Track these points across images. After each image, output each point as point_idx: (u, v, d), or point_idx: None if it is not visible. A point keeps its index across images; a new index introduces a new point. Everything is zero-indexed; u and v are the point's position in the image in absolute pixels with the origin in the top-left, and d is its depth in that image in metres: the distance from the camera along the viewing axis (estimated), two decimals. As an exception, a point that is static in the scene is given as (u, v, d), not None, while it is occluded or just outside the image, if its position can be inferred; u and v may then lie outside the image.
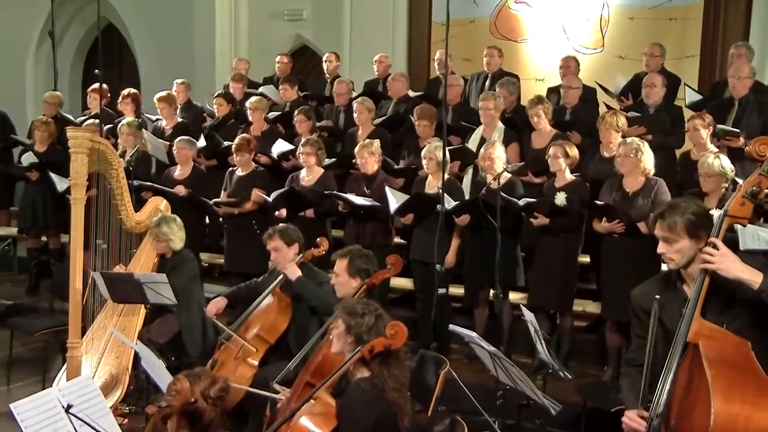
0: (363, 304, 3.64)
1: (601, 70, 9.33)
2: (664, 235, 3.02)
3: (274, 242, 5.23)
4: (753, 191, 2.86)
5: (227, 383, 3.88)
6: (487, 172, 6.26)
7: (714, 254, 2.81)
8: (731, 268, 2.79)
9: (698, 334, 2.78)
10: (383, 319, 3.55)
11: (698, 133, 6.29)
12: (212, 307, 5.45)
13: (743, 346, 2.74)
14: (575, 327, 6.48)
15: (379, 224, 6.70)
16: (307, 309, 5.08)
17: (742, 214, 2.88)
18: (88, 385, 3.37)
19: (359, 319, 3.52)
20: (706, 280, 2.86)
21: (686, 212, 2.98)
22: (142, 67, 12.45)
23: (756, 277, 2.77)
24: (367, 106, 7.76)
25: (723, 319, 2.89)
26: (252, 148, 7.36)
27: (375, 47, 9.88)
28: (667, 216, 3.01)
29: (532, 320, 4.70)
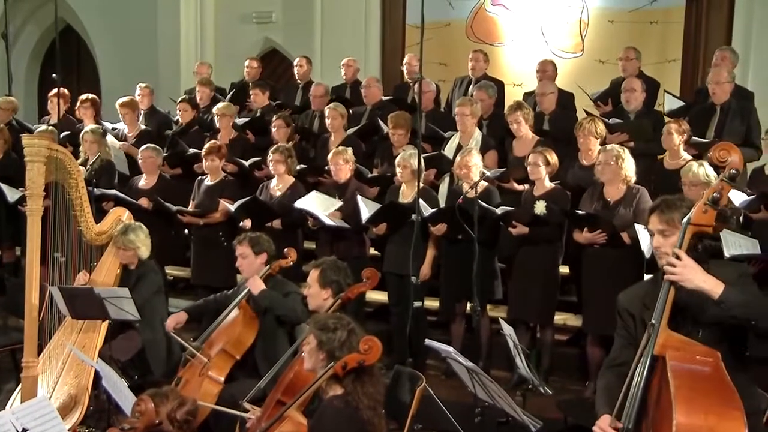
0: (335, 318, 3.64)
1: (581, 75, 9.41)
2: (662, 228, 3.09)
3: (242, 248, 5.22)
4: (714, 198, 2.91)
5: (196, 405, 3.84)
6: (464, 181, 6.29)
7: (676, 264, 2.87)
8: (693, 279, 2.85)
9: (665, 347, 2.83)
10: (356, 334, 3.55)
11: (671, 138, 6.36)
12: (171, 321, 5.40)
13: (711, 356, 2.79)
14: (556, 341, 6.51)
15: (353, 235, 6.71)
16: (274, 321, 5.07)
17: (705, 222, 2.93)
18: (45, 406, 3.33)
19: (330, 334, 3.52)
20: (671, 291, 2.90)
21: (683, 206, 3.07)
22: (102, 71, 12.37)
23: (717, 287, 2.83)
24: (341, 112, 7.78)
25: (699, 327, 2.95)
26: (223, 154, 7.34)
27: (347, 51, 9.89)
28: (666, 209, 3.09)
29: (511, 334, 4.72)
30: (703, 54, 9.21)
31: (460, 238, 6.17)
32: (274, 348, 4.98)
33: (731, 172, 2.94)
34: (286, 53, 11.55)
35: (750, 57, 8.82)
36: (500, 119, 7.48)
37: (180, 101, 8.89)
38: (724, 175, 2.95)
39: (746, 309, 2.82)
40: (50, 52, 12.99)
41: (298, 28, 11.39)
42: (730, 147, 2.99)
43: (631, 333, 3.17)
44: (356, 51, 10.27)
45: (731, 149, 2.98)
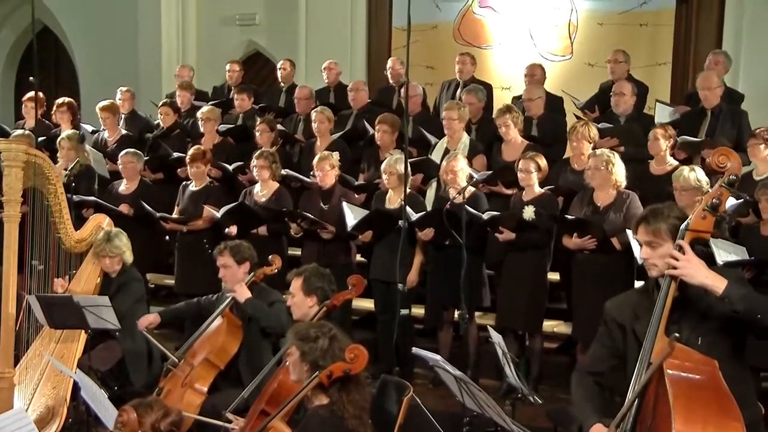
0: (315, 327, 3.63)
1: (570, 78, 9.46)
2: (648, 239, 3.08)
3: (223, 258, 5.21)
4: (713, 204, 2.92)
5: (181, 416, 3.83)
6: (450, 186, 6.31)
7: (679, 258, 2.86)
8: (695, 274, 2.85)
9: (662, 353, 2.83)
10: (339, 340, 3.55)
11: (658, 143, 6.42)
12: (144, 321, 5.42)
13: (709, 365, 2.80)
14: (545, 349, 6.53)
15: (339, 243, 6.72)
16: (259, 330, 5.06)
17: (704, 228, 2.94)
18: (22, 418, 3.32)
19: (312, 344, 3.51)
20: (671, 289, 2.91)
21: (670, 216, 3.07)
22: (81, 74, 12.33)
23: (720, 283, 2.83)
24: (327, 116, 7.79)
25: (697, 333, 2.96)
26: (207, 159, 7.33)
27: (332, 54, 9.91)
28: (652, 220, 3.09)
29: (500, 342, 4.73)
30: (693, 57, 9.28)
31: (448, 244, 6.19)
32: (259, 357, 4.97)
33: (730, 177, 2.96)
34: (270, 56, 11.55)
35: (740, 59, 8.88)
36: (489, 123, 7.51)
37: (161, 105, 8.87)
38: (723, 180, 2.96)
39: (750, 303, 2.82)
40: (27, 55, 12.93)
41: (282, 30, 11.39)
42: (729, 152, 3.01)
43: (616, 344, 3.18)
44: (341, 54, 10.29)
45: (730, 154, 3.00)
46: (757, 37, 8.89)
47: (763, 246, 5.43)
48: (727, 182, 2.96)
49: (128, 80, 10.11)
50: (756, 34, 8.90)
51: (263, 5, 11.64)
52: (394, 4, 10.80)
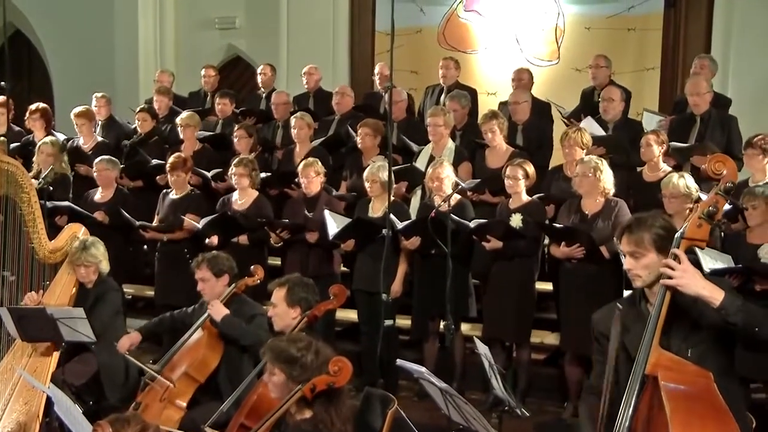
0: (295, 346, 3.57)
1: (557, 84, 9.50)
2: (631, 250, 3.08)
3: (201, 272, 5.18)
4: (710, 212, 2.92)
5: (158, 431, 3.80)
6: (435, 194, 6.32)
7: (676, 268, 2.84)
8: (692, 284, 2.84)
9: (657, 366, 2.83)
10: (322, 353, 3.53)
11: (650, 149, 6.45)
12: (125, 342, 5.36)
13: (704, 377, 2.81)
14: (533, 360, 6.54)
15: (324, 252, 6.72)
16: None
17: (699, 237, 2.93)
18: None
19: (300, 366, 3.48)
20: (666, 299, 2.90)
21: (654, 226, 3.05)
22: (55, 79, 12.28)
23: (717, 294, 2.82)
24: (307, 122, 7.78)
25: (687, 344, 2.96)
26: (188, 167, 7.31)
27: (314, 58, 9.91)
28: (635, 230, 3.08)
29: (486, 353, 4.73)
30: (682, 62, 9.32)
31: (433, 253, 6.19)
32: (239, 372, 4.95)
33: (726, 185, 2.95)
34: (251, 60, 11.54)
35: (729, 64, 8.96)
36: (474, 129, 7.53)
37: (139, 111, 8.84)
38: (719, 188, 2.96)
39: (748, 315, 2.81)
40: (-2, 59, 12.87)
41: (263, 34, 11.39)
42: (725, 159, 3.00)
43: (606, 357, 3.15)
44: (324, 58, 10.29)
45: (726, 161, 2.99)
46: (746, 41, 8.95)
47: (750, 254, 5.46)
48: (723, 190, 2.95)
49: (104, 86, 10.07)
50: (745, 38, 8.97)
51: (243, 9, 11.64)
52: (377, 8, 10.81)
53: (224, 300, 5.15)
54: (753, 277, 5.24)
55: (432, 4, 10.55)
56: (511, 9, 10.20)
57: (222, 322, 5.01)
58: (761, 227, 5.50)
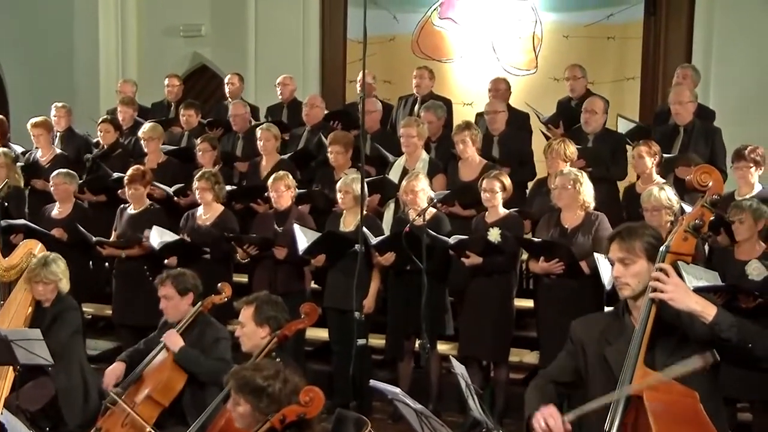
0: (261, 375, 3.50)
1: (535, 93, 9.53)
2: (621, 256, 3.07)
3: (165, 289, 5.15)
4: (696, 225, 2.92)
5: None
6: (410, 207, 6.32)
7: (666, 282, 2.83)
8: (683, 299, 2.82)
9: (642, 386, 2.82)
10: (290, 381, 3.49)
11: (643, 161, 6.46)
12: (110, 377, 5.14)
13: (690, 397, 2.80)
14: (511, 380, 6.54)
15: (293, 268, 6.69)
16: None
17: (685, 251, 2.93)
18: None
19: (267, 397, 3.43)
20: (651, 314, 2.88)
21: (645, 234, 3.07)
22: (10, 89, 12.18)
23: (710, 309, 2.80)
24: (274, 133, 7.76)
25: (673, 361, 2.93)
26: (147, 180, 7.27)
27: (283, 68, 9.90)
28: (626, 236, 3.08)
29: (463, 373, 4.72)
30: (662, 71, 9.41)
31: (408, 269, 6.18)
32: (205, 394, 4.90)
33: (713, 197, 2.95)
34: (217, 70, 11.50)
35: (711, 73, 9.05)
36: (450, 141, 7.55)
37: (101, 122, 8.78)
38: (705, 200, 2.96)
39: (742, 332, 2.80)
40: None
41: (230, 42, 11.37)
42: (711, 170, 3.01)
43: (578, 364, 3.21)
44: (293, 68, 10.27)
45: (712, 173, 2.99)
46: (728, 49, 9.06)
47: (738, 270, 5.49)
48: (709, 202, 2.95)
49: (63, 96, 9.99)
50: (727, 46, 9.07)
51: (209, 16, 11.61)
52: (349, 16, 10.83)
53: (188, 321, 5.12)
54: (738, 295, 5.28)
55: (405, 11, 10.58)
56: (487, 17, 10.25)
57: (178, 355, 4.97)
58: (749, 242, 5.52)
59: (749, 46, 8.99)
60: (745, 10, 9.05)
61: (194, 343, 5.05)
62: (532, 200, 6.84)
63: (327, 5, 11.05)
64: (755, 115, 8.77)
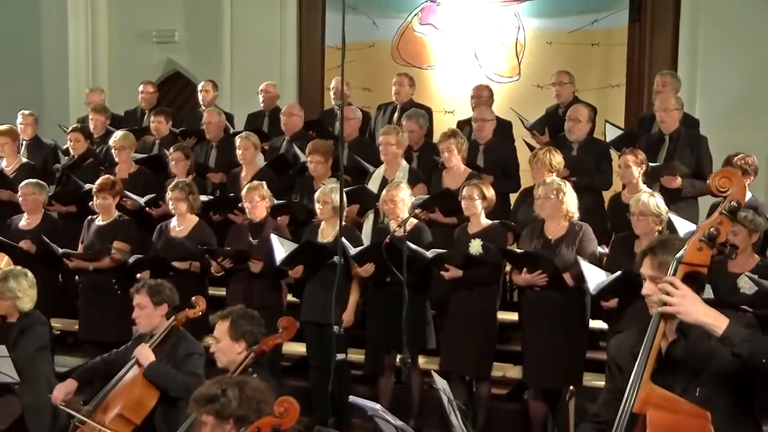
0: (215, 384, 3.51)
1: (518, 101, 9.54)
2: (653, 275, 2.98)
3: (140, 297, 5.15)
4: (711, 234, 2.79)
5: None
6: (390, 217, 6.33)
7: (674, 294, 2.75)
8: (693, 311, 2.75)
9: (646, 403, 2.76)
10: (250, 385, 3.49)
11: (630, 171, 6.50)
12: (60, 392, 5.19)
13: (700, 418, 2.72)
14: (494, 395, 6.55)
15: (269, 281, 6.69)
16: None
17: (699, 261, 2.81)
18: None
19: (222, 399, 3.43)
20: (659, 329, 2.82)
21: (680, 250, 2.89)
22: (-26, 97, 12.09)
23: (720, 321, 2.73)
24: (253, 142, 7.76)
25: (696, 384, 2.89)
26: (117, 191, 7.24)
27: (260, 75, 9.90)
28: (659, 252, 2.99)
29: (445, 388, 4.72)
30: (648, 78, 9.43)
31: (388, 281, 6.19)
32: (178, 411, 4.88)
33: (732, 204, 2.81)
34: (191, 77, 11.49)
35: (697, 80, 9.12)
36: (432, 150, 7.58)
37: (71, 130, 8.74)
38: (724, 207, 2.82)
39: (754, 346, 2.70)
40: None
41: (205, 48, 11.36)
42: (732, 174, 2.88)
43: (618, 387, 3.08)
44: (270, 75, 10.25)
45: (733, 177, 2.86)
46: (714, 55, 9.12)
47: (730, 283, 5.50)
48: (728, 209, 2.80)
49: (31, 103, 9.93)
50: (712, 51, 9.13)
51: (183, 21, 11.59)
52: (327, 21, 10.84)
53: (161, 335, 5.10)
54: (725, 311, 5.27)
55: (385, 17, 10.62)
56: (469, 23, 10.28)
57: (147, 369, 4.96)
58: (742, 255, 5.53)
59: (735, 52, 9.05)
60: (730, 16, 9.11)
61: (166, 358, 5.04)
62: (516, 210, 6.86)
63: (304, 11, 11.06)
64: (742, 121, 8.85)
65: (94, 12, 11.83)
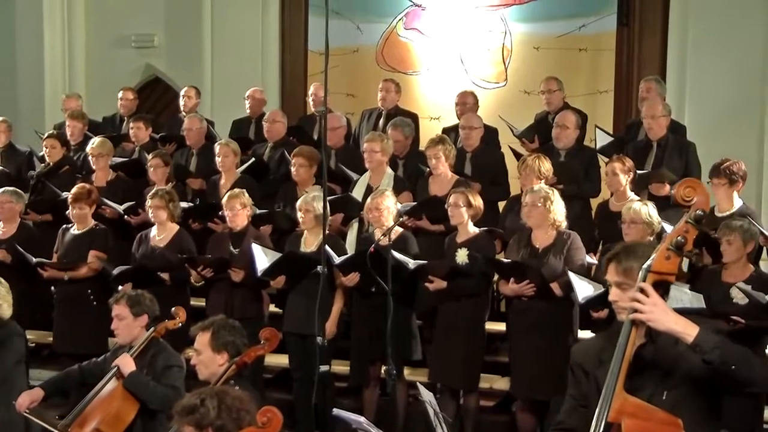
0: (194, 396, 3.53)
1: (504, 107, 9.58)
2: (618, 280, 3.05)
3: (119, 308, 5.13)
4: (678, 242, 2.88)
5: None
6: (375, 226, 6.33)
7: (645, 302, 2.81)
8: (663, 319, 2.80)
9: (620, 413, 2.80)
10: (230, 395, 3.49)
11: (617, 178, 6.54)
12: (24, 399, 5.13)
13: (673, 426, 2.77)
14: (481, 407, 6.56)
15: (250, 291, 6.68)
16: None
17: (667, 270, 2.89)
18: None
19: (201, 409, 3.43)
20: (631, 337, 2.86)
21: (645, 256, 2.98)
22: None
23: (691, 329, 2.78)
24: (233, 149, 7.74)
25: (664, 387, 2.94)
26: (93, 199, 7.22)
27: (242, 81, 9.90)
28: (623, 259, 3.06)
29: (431, 401, 4.74)
30: (636, 84, 9.45)
31: (373, 291, 6.19)
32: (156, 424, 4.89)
33: (697, 213, 2.90)
34: (171, 82, 11.47)
35: (686, 85, 9.18)
36: (418, 157, 7.59)
37: (47, 137, 8.71)
38: (690, 216, 2.91)
39: (724, 353, 2.76)
40: None
41: (185, 53, 11.33)
42: (696, 184, 2.98)
43: (583, 392, 3.14)
44: (252, 80, 10.24)
45: (697, 187, 2.96)
46: (703, 59, 9.15)
47: (724, 293, 5.55)
48: (693, 218, 2.90)
49: (6, 110, 9.92)
50: (702, 56, 9.16)
51: (163, 25, 11.57)
52: (309, 26, 10.84)
53: (141, 346, 5.09)
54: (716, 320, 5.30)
55: (369, 21, 10.62)
56: (455, 27, 10.30)
57: (128, 379, 4.95)
58: (737, 265, 5.57)
59: (725, 57, 9.08)
60: (719, 20, 9.15)
61: (145, 370, 5.03)
62: (504, 218, 6.88)
63: (287, 15, 11.06)
64: (732, 127, 8.90)
65: (71, 16, 11.78)
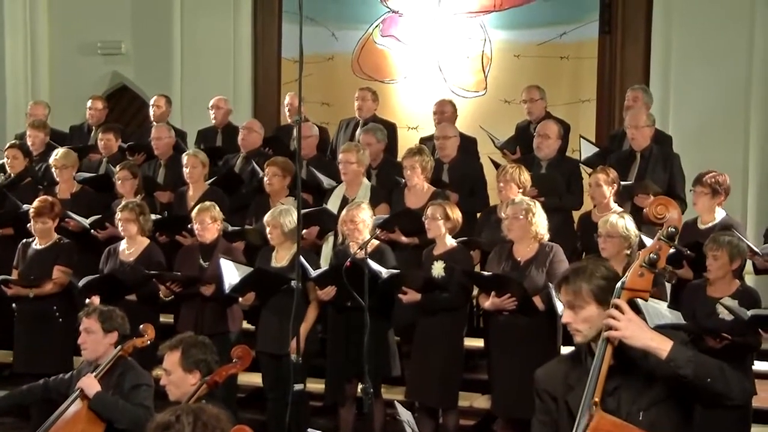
0: (168, 413, 3.52)
1: (484, 116, 9.63)
2: (569, 301, 3.11)
3: (89, 322, 5.11)
4: (651, 259, 2.97)
5: None
6: (351, 239, 6.34)
7: (620, 318, 2.88)
8: (638, 336, 2.87)
9: (597, 431, 2.85)
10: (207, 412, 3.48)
11: (600, 190, 6.58)
12: None
13: None
14: (461, 426, 6.55)
15: (220, 307, 6.66)
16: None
17: (641, 287, 2.98)
18: None
19: (177, 426, 3.42)
20: (606, 355, 2.92)
21: (594, 276, 3.09)
22: None
23: (665, 344, 2.86)
24: (201, 160, 7.72)
25: (638, 406, 2.99)
26: (56, 213, 7.17)
27: (212, 89, 9.88)
28: (572, 280, 3.12)
29: (409, 420, 4.74)
30: (619, 93, 9.50)
31: (349, 306, 6.18)
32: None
33: (669, 230, 3.01)
34: (139, 91, 11.45)
35: (670, 94, 9.24)
36: (392, 168, 7.59)
37: (8, 147, 8.66)
38: (662, 233, 3.02)
39: (699, 367, 2.84)
40: None
41: (153, 60, 11.31)
42: (668, 202, 3.11)
43: (553, 418, 3.18)
44: (224, 89, 10.23)
45: (669, 204, 3.09)
46: (687, 68, 9.22)
47: (709, 308, 5.58)
48: (666, 235, 3.01)
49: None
50: (685, 65, 9.23)
51: (130, 32, 11.54)
52: (283, 33, 10.85)
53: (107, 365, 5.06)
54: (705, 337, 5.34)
55: (345, 28, 10.64)
56: (433, 34, 10.33)
57: (94, 400, 4.92)
58: (722, 280, 5.62)
59: (709, 66, 9.15)
60: (703, 28, 9.21)
61: (113, 390, 5.00)
62: (480, 230, 6.90)
63: (260, 21, 11.07)
64: (716, 138, 8.98)
65: (33, 21, 11.74)
